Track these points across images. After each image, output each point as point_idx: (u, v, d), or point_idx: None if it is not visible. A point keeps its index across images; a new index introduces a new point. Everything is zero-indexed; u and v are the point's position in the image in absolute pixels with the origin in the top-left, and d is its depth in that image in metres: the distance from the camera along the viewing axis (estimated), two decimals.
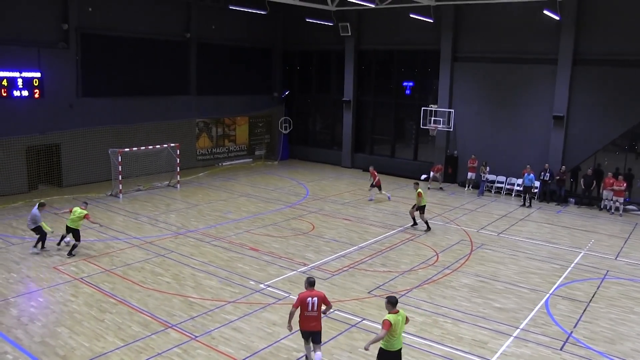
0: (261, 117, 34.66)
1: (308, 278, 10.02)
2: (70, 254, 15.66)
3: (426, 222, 19.56)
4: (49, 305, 12.52)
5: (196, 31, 29.73)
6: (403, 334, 9.21)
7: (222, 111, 32.05)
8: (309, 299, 9.61)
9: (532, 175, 23.87)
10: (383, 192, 24.31)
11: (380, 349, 8.91)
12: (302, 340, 10.07)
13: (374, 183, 23.84)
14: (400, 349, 8.92)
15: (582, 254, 17.33)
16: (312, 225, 19.86)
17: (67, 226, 15.85)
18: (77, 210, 15.79)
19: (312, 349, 9.84)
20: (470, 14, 26.92)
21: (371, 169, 24.68)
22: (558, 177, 24.05)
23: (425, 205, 19.56)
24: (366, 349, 8.99)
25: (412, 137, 31.19)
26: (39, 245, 16.01)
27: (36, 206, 16.01)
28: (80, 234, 16.05)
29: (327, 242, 17.90)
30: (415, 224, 19.88)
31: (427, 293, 13.76)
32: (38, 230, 15.88)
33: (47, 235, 16.06)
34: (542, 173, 24.35)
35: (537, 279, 14.98)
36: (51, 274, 14.36)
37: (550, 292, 14.09)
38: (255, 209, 21.95)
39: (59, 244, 16.37)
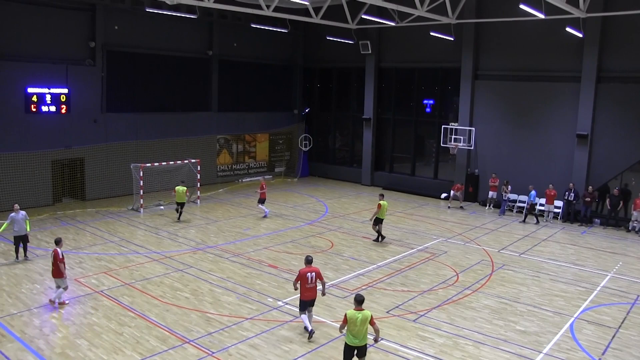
0: (281, 134, 34.75)
1: (307, 256, 12.11)
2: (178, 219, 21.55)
3: (379, 232, 19.78)
4: (69, 317, 12.59)
5: (218, 48, 30.05)
6: (369, 336, 9.86)
7: (243, 128, 32.24)
8: (309, 273, 11.72)
9: (533, 192, 23.87)
10: (261, 206, 23.35)
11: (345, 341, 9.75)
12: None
13: (260, 197, 23.26)
14: (358, 346, 9.51)
15: (609, 276, 16.90)
16: (331, 242, 19.71)
17: (177, 202, 21.83)
18: (179, 189, 21.76)
19: (307, 312, 11.91)
20: (491, 31, 26.79)
21: (262, 181, 24.43)
22: (587, 198, 23.52)
23: (383, 219, 19.75)
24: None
25: (432, 155, 30.98)
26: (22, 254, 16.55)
27: (20, 213, 16.29)
28: (102, 248, 16.07)
29: (346, 260, 17.73)
30: (378, 239, 19.92)
31: (447, 314, 13.50)
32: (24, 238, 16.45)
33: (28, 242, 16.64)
34: (567, 193, 23.91)
35: (561, 302, 14.62)
36: (72, 285, 14.39)
37: (575, 315, 13.72)
38: (275, 226, 21.88)
39: (178, 219, 21.75)
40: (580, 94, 24.20)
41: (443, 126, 28.32)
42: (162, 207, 24.16)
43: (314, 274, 11.76)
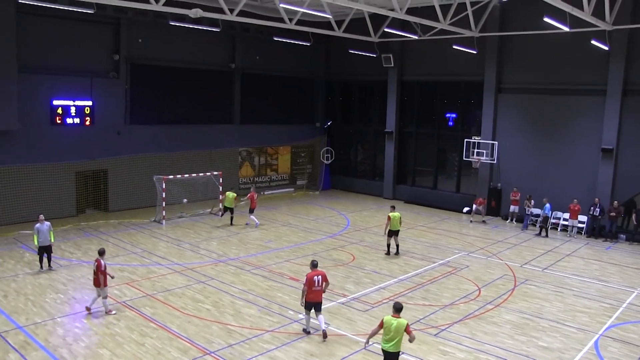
0: (303, 147, 34.97)
1: (312, 261, 12.82)
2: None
3: (388, 246, 19.94)
4: (92, 327, 12.83)
5: (240, 61, 30.44)
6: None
7: (265, 140, 32.53)
8: (315, 277, 12.39)
9: (548, 205, 23.85)
10: (252, 217, 23.85)
11: None
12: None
13: (250, 207, 23.80)
14: (391, 352, 9.88)
15: (635, 293, 16.66)
16: (352, 256, 19.76)
17: (225, 206, 23.56)
18: (230, 194, 23.33)
19: (314, 316, 12.64)
20: (515, 44, 26.72)
21: (252, 191, 24.52)
22: (613, 213, 23.22)
23: (398, 231, 19.87)
24: (366, 342, 10.45)
25: (454, 169, 30.91)
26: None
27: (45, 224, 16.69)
28: (124, 259, 16.34)
29: (368, 273, 17.76)
30: (389, 251, 20.03)
31: (468, 328, 13.46)
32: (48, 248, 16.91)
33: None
34: (592, 208, 23.64)
35: (585, 318, 14.47)
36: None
37: (600, 332, 13.56)
38: (296, 239, 22.00)
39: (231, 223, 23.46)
40: (606, 107, 24.01)
41: (465, 140, 28.26)
42: (184, 218, 24.48)
43: (320, 277, 12.44)
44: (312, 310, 12.54)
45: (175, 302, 14.49)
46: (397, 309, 9.98)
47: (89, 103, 24.08)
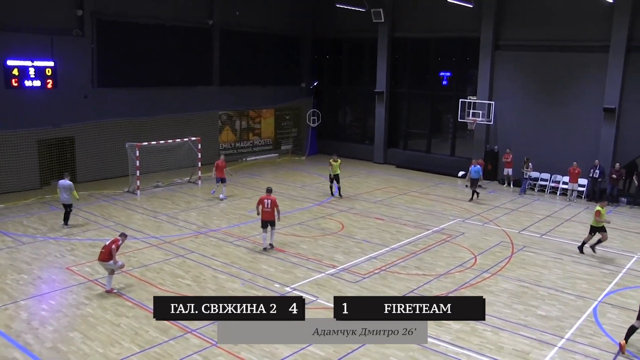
0: (288, 110, 34.74)
1: (267, 187, 17.12)
2: None
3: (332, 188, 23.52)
4: (61, 309, 12.65)
5: (219, 17, 29.89)
6: None
7: (247, 103, 32.22)
8: (265, 200, 16.46)
9: (477, 167, 23.55)
10: (223, 188, 23.07)
11: None
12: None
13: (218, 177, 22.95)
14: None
15: (635, 258, 16.93)
16: (341, 224, 19.82)
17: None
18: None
19: (268, 232, 16.65)
20: None
21: (221, 159, 23.53)
22: (614, 176, 23.39)
23: (338, 175, 23.25)
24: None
25: (449, 132, 30.92)
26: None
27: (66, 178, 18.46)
28: (96, 233, 16.27)
29: (358, 242, 17.85)
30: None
31: None
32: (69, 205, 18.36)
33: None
34: (592, 170, 23.83)
35: (585, 285, 14.70)
36: (64, 275, 14.58)
37: (599, 299, 13.81)
38: (282, 207, 21.66)
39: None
40: (609, 64, 24.00)
41: (461, 100, 28.19)
42: (160, 188, 24.34)
43: (270, 201, 16.38)
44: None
45: (153, 278, 14.46)
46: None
47: (50, 64, 23.36)
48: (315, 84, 35.09)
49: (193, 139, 25.65)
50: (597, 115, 24.55)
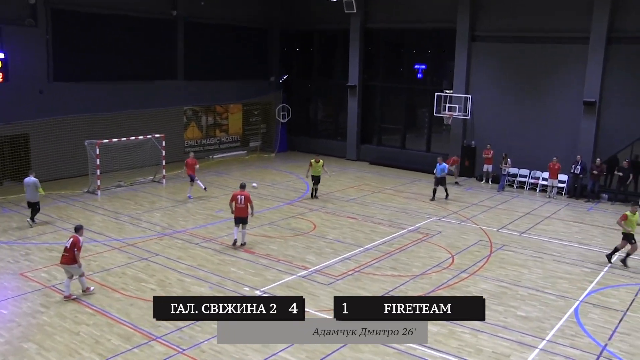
0: (256, 105, 34.61)
1: (241, 183, 17.43)
2: None
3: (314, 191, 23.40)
4: (14, 318, 12.33)
5: (184, 8, 29.64)
6: None
7: (213, 98, 32.03)
8: (239, 196, 16.67)
9: (443, 165, 23.44)
10: (199, 183, 23.30)
11: None
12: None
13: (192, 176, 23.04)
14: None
15: (616, 256, 17.16)
16: (313, 224, 19.79)
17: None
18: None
19: (240, 229, 17.00)
20: None
21: (190, 156, 23.55)
22: (595, 171, 23.68)
23: (319, 177, 23.28)
24: None
25: (424, 127, 31.08)
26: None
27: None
28: (53, 237, 15.99)
29: (330, 243, 17.82)
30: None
31: None
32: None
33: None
34: (573, 166, 24.13)
35: (566, 284, 14.87)
36: (17, 281, 14.26)
37: (580, 299, 13.97)
38: None
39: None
40: (589, 56, 24.33)
41: (436, 94, 28.33)
42: (122, 188, 24.03)
43: (243, 196, 16.62)
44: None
45: (115, 283, 14.25)
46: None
47: (0, 56, 22.99)
48: (284, 77, 34.95)
49: (157, 136, 25.39)
50: (577, 109, 24.87)
